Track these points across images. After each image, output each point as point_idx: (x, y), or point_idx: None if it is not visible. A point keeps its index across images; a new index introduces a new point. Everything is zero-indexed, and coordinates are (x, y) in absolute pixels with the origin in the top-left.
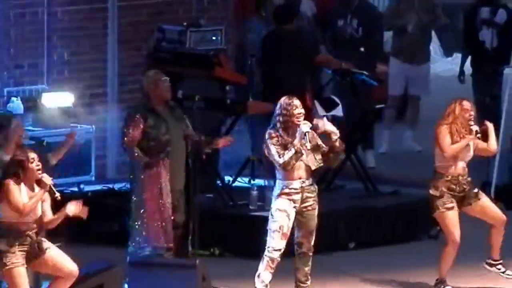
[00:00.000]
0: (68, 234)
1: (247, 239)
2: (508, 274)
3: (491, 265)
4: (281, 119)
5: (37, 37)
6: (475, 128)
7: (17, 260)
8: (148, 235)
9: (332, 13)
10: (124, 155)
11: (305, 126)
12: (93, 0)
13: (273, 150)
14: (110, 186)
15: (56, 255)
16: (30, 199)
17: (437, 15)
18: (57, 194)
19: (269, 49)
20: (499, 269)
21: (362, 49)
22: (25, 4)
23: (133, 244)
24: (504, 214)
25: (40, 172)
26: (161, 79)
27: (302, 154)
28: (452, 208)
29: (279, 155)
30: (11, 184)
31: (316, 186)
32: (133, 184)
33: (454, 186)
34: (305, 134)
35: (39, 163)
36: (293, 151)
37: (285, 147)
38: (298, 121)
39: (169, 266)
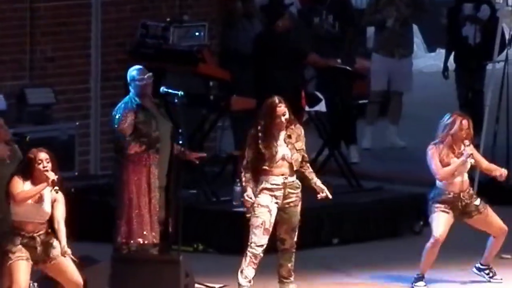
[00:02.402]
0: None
1: (230, 235)
2: (496, 279)
3: (479, 269)
4: (262, 122)
5: (20, 32)
6: (467, 142)
7: (21, 254)
8: (135, 230)
9: (307, 10)
10: (108, 151)
11: (297, 130)
12: None
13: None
14: (94, 182)
15: (66, 266)
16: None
17: (421, 8)
18: (56, 188)
19: (262, 48)
20: (487, 273)
21: (339, 60)
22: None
23: (119, 240)
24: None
25: (48, 172)
26: (139, 76)
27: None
28: (445, 212)
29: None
30: (15, 178)
31: (300, 183)
32: (119, 180)
33: (457, 203)
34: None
35: (47, 164)
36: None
37: (266, 147)
38: (280, 129)
39: (152, 262)
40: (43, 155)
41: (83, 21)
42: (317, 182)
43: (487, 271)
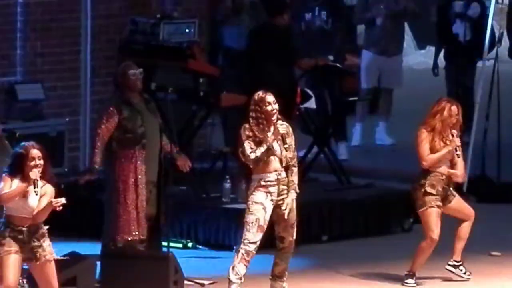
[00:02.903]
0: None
1: (220, 231)
2: (468, 275)
3: (455, 266)
4: (253, 114)
5: (10, 28)
6: (455, 133)
7: (9, 247)
8: (122, 226)
9: (299, 6)
10: None
11: (281, 126)
12: None
13: (246, 145)
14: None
15: (48, 271)
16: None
17: (408, 6)
18: (37, 189)
19: (260, 43)
20: (461, 270)
21: (330, 57)
22: None
23: (107, 236)
24: (474, 208)
25: (38, 169)
26: (130, 70)
27: (274, 151)
28: (439, 206)
29: (251, 150)
30: (3, 177)
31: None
32: (107, 176)
33: (445, 186)
34: (282, 135)
35: (39, 161)
36: (265, 147)
37: (256, 143)
38: (273, 118)
39: (141, 257)
40: (35, 152)
41: (73, 17)
42: (290, 194)
43: (461, 268)
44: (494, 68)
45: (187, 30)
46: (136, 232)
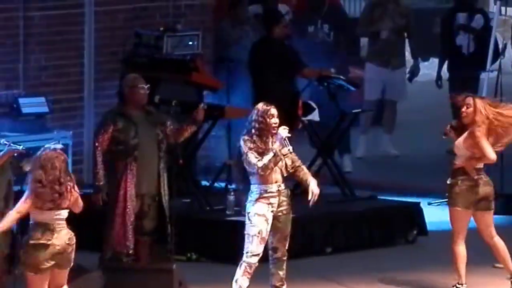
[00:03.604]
0: None
1: (224, 244)
2: None
3: None
4: (256, 125)
5: (14, 41)
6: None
7: None
8: (111, 239)
9: (302, 19)
10: None
11: (284, 131)
12: (70, 5)
13: (250, 154)
14: (87, 191)
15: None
16: None
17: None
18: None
19: (258, 56)
20: None
21: (332, 69)
22: (1, 8)
23: (104, 248)
24: None
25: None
26: (139, 84)
27: (280, 158)
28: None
29: (258, 159)
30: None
31: (289, 191)
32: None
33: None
34: (284, 139)
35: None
36: (271, 154)
37: (259, 154)
38: (274, 131)
39: (146, 271)
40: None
41: (77, 30)
42: (311, 182)
43: None
44: (497, 80)
45: (190, 43)
46: (123, 245)
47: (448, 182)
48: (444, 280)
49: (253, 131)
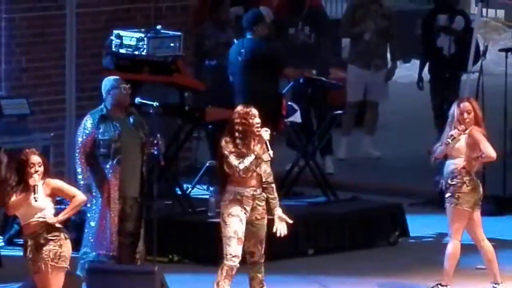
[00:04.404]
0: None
1: (205, 246)
2: None
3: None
4: (240, 128)
5: None
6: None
7: None
8: (94, 242)
9: (283, 21)
10: None
11: (266, 133)
12: (51, 6)
13: (232, 157)
14: None
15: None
16: None
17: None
18: (36, 195)
19: (241, 57)
20: None
21: (314, 71)
22: None
23: (82, 250)
24: None
25: (38, 175)
26: (120, 85)
27: (262, 160)
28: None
29: (239, 161)
30: (9, 193)
31: (265, 196)
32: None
33: None
34: (265, 143)
35: (39, 168)
36: (253, 156)
37: (240, 155)
38: (257, 131)
39: (127, 272)
40: (35, 159)
41: (58, 32)
42: (278, 212)
43: None
44: (478, 82)
45: (172, 44)
46: (107, 248)
47: (451, 182)
48: (426, 281)
49: (236, 134)
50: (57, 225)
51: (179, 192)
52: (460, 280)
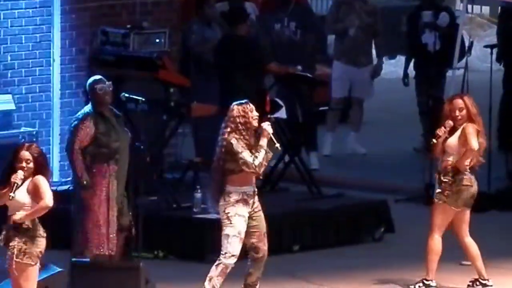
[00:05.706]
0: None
1: (191, 242)
2: None
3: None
4: (242, 121)
5: None
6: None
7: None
8: (91, 242)
9: (269, 17)
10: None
11: (268, 127)
12: (37, 3)
13: (246, 154)
14: (53, 189)
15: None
16: None
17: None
18: (12, 195)
19: (223, 53)
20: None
21: (299, 67)
22: None
23: (76, 249)
24: None
25: (22, 173)
26: (97, 85)
27: (271, 154)
28: None
29: (253, 158)
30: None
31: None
32: (78, 189)
33: None
34: (271, 136)
35: (26, 164)
36: (263, 152)
37: (250, 149)
38: (255, 124)
39: (112, 268)
40: (25, 155)
41: (43, 28)
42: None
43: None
44: (464, 78)
45: (157, 40)
46: (105, 248)
47: (443, 179)
48: (411, 277)
49: (242, 131)
50: (27, 222)
51: (164, 188)
52: (445, 275)
